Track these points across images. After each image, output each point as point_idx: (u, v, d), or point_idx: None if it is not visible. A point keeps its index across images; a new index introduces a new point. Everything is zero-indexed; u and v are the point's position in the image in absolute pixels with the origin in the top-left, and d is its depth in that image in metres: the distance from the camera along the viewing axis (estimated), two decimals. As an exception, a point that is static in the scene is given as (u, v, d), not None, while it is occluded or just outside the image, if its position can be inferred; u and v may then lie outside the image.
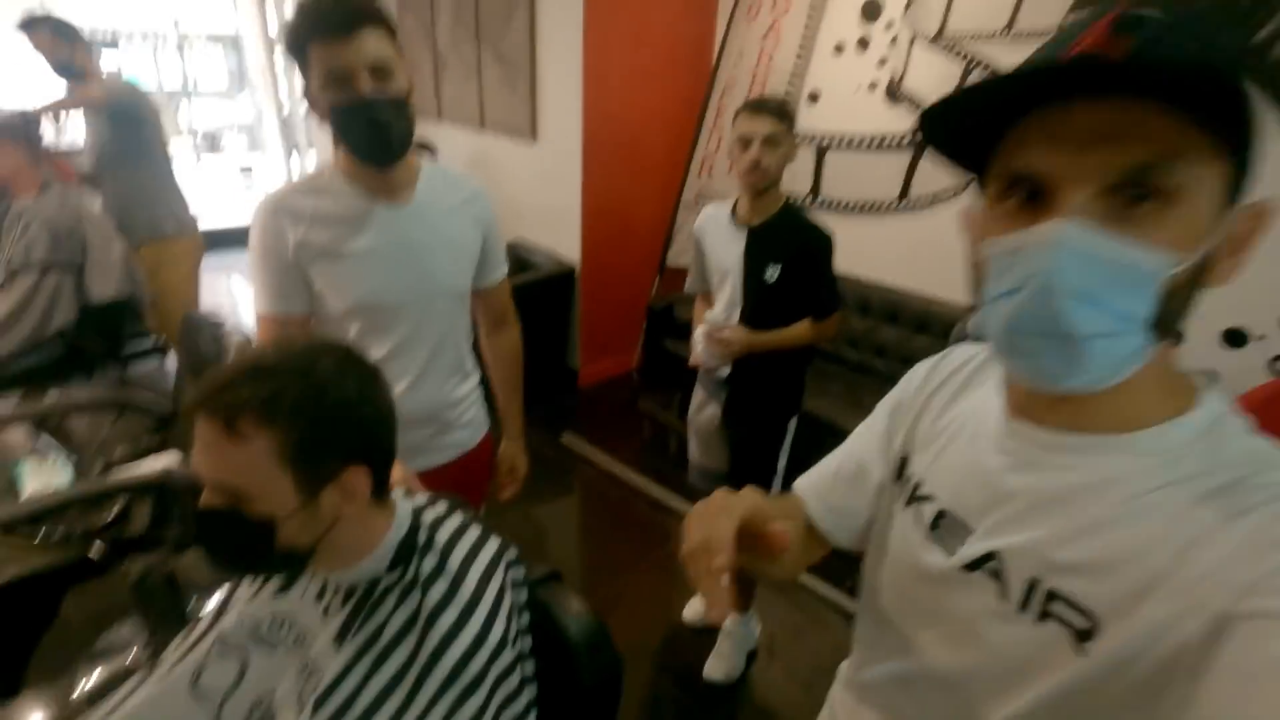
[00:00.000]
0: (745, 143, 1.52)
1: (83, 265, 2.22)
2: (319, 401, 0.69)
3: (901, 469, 0.64)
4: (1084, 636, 0.46)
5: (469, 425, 1.37)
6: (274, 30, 4.99)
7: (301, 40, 0.99)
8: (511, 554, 0.86)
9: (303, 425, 0.68)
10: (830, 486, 0.72)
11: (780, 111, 1.52)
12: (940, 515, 0.57)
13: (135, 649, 1.86)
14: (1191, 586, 0.41)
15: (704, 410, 1.86)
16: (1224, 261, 0.45)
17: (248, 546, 0.69)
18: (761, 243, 1.60)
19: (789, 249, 1.59)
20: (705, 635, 2.08)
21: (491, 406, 1.48)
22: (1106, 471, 0.47)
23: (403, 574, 0.77)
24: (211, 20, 8.78)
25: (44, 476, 1.65)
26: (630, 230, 3.52)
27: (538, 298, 3.37)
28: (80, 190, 2.79)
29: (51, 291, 2.13)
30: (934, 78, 2.65)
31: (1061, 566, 0.48)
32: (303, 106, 5.07)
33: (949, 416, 0.61)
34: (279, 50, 5.11)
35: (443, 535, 0.83)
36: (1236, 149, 0.40)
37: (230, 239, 5.74)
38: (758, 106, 1.52)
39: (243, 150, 9.32)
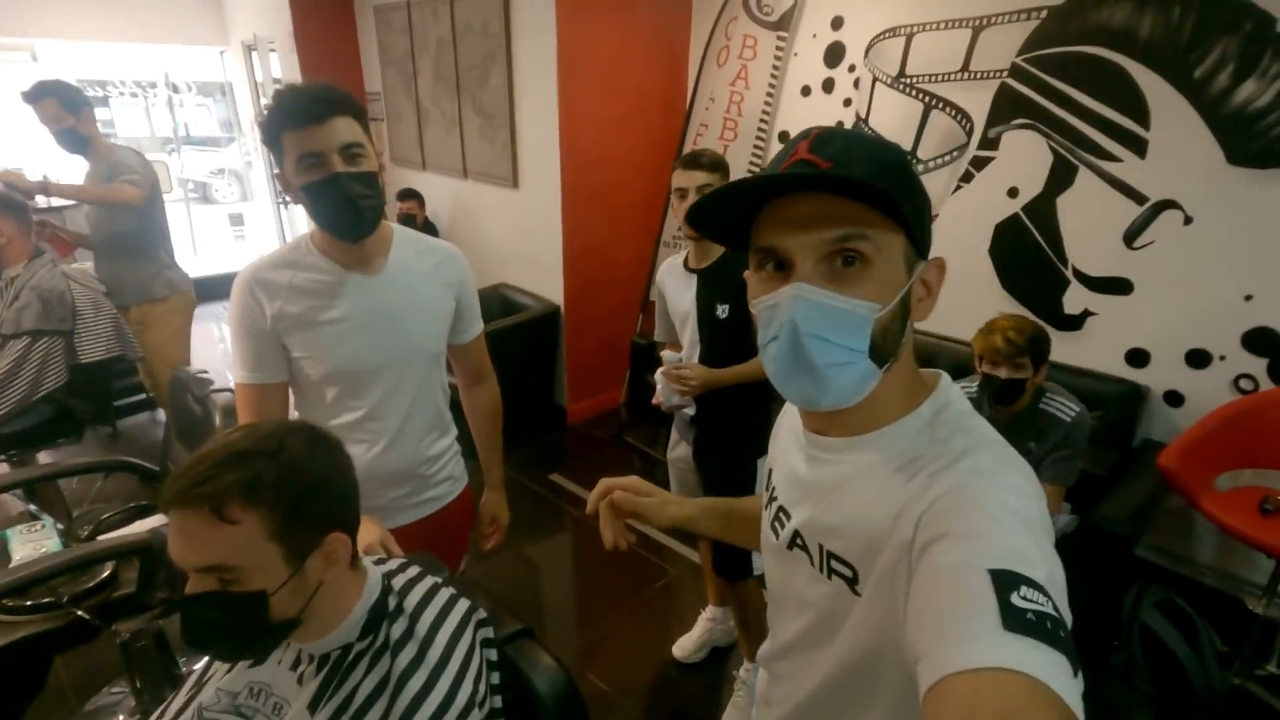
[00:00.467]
0: (682, 194, 1.64)
1: (73, 329, 2.27)
2: (296, 478, 0.74)
3: (769, 478, 0.79)
4: (853, 583, 0.61)
5: (448, 480, 1.41)
6: (261, 77, 5.12)
7: (276, 129, 1.06)
8: (481, 614, 0.90)
9: (286, 502, 0.72)
10: None
11: (713, 164, 1.63)
12: (780, 510, 0.72)
13: (123, 712, 1.87)
14: (896, 529, 0.55)
15: (677, 449, 1.93)
16: (922, 302, 0.60)
17: (240, 624, 0.72)
18: (709, 284, 1.70)
19: (734, 286, 1.65)
20: (695, 672, 2.09)
21: (472, 458, 1.52)
22: (859, 462, 0.62)
23: (373, 640, 0.81)
24: (201, 70, 8.96)
25: (32, 543, 1.67)
26: (612, 270, 3.60)
27: (524, 339, 3.43)
28: (72, 257, 2.84)
29: (42, 356, 2.17)
30: (897, 116, 2.76)
31: (829, 531, 0.63)
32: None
33: (788, 435, 0.75)
34: (266, 102, 5.24)
35: (412, 600, 0.86)
36: (906, 226, 0.56)
37: (221, 287, 5.81)
38: (691, 160, 1.63)
39: (234, 198, 9.46)
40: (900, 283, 0.57)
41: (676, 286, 1.78)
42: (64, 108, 2.34)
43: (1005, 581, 0.44)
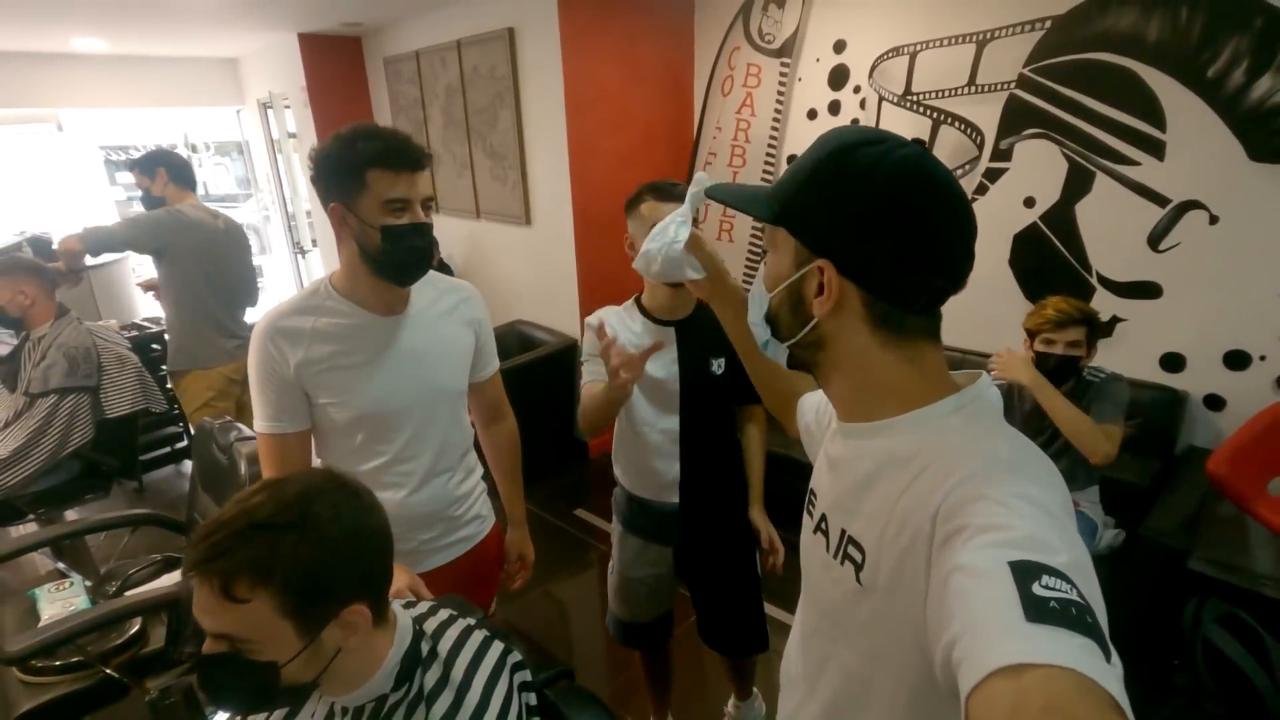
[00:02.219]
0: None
1: (98, 385, 2.29)
2: (314, 554, 0.70)
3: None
4: (859, 569, 0.61)
5: (476, 519, 1.38)
6: (276, 134, 5.25)
7: (363, 163, 1.06)
8: (516, 656, 0.86)
9: (298, 582, 0.68)
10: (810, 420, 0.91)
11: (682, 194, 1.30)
12: (812, 492, 0.74)
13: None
14: (910, 519, 0.56)
15: (640, 556, 1.58)
16: (818, 299, 0.62)
17: (251, 689, 0.70)
18: (696, 335, 1.41)
19: (722, 333, 1.25)
20: (735, 711, 2.01)
21: (496, 498, 1.50)
22: (877, 448, 0.63)
23: (408, 690, 0.77)
24: (218, 130, 9.26)
25: (60, 601, 1.66)
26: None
27: (542, 374, 3.41)
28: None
29: (69, 413, 2.19)
30: (905, 133, 2.73)
31: (849, 513, 0.64)
32: (306, 208, 5.28)
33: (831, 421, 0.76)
34: (281, 157, 5.37)
35: (445, 644, 0.83)
36: (792, 233, 0.63)
37: (242, 339, 5.90)
38: (668, 192, 1.33)
39: (254, 251, 9.66)
40: (783, 276, 0.65)
41: (641, 346, 1.29)
42: (142, 173, 2.39)
43: (1025, 572, 0.43)
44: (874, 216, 0.57)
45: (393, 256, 1.11)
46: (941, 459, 0.56)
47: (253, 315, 2.64)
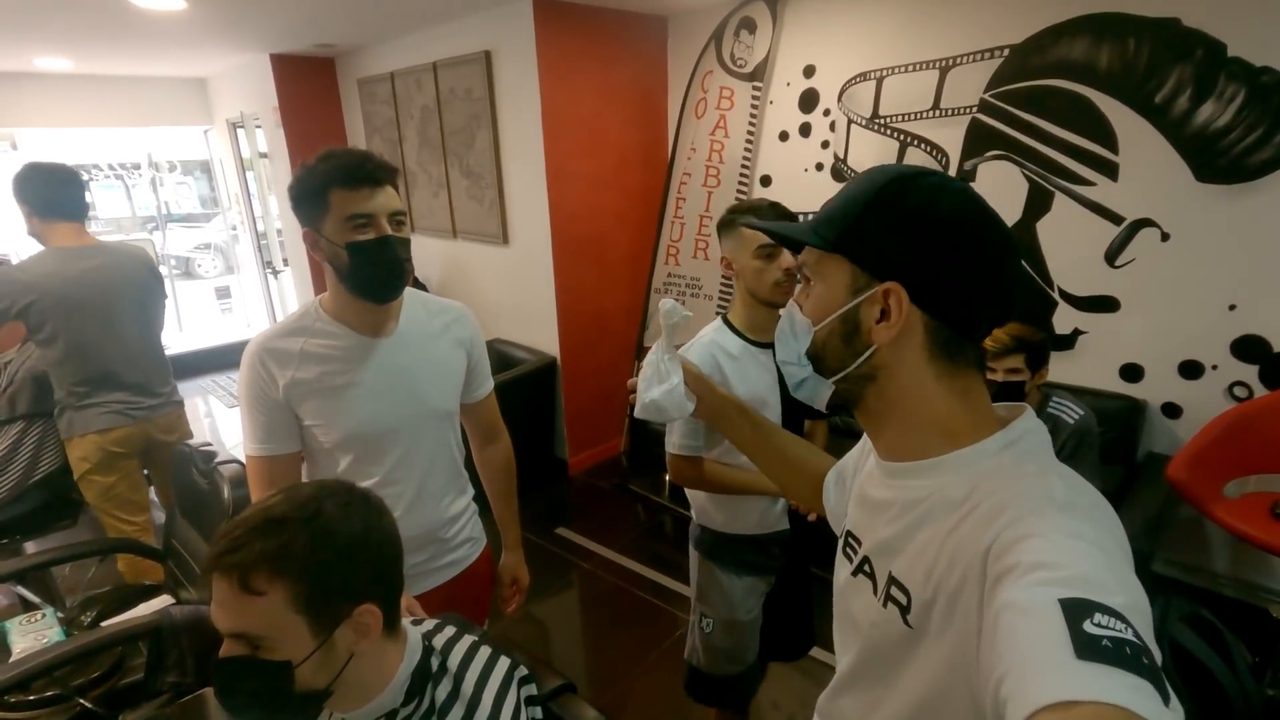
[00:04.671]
0: (771, 250, 1.36)
1: (67, 410, 2.23)
2: (326, 548, 0.72)
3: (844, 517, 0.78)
4: (905, 611, 0.60)
5: (467, 541, 1.38)
6: (246, 153, 5.19)
7: (324, 185, 1.07)
8: (522, 671, 0.87)
9: (312, 574, 0.71)
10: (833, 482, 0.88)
11: (789, 214, 1.39)
12: (850, 535, 0.72)
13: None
14: (959, 559, 0.55)
15: (755, 590, 1.57)
16: (879, 325, 0.60)
17: (267, 692, 0.71)
18: None
19: None
20: None
21: (488, 519, 1.50)
22: (925, 488, 0.62)
23: (419, 704, 0.78)
24: (184, 149, 9.11)
25: (33, 634, 1.60)
26: (605, 318, 3.63)
27: (522, 393, 3.42)
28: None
29: (38, 440, 2.13)
30: (873, 154, 2.85)
31: (895, 554, 0.63)
32: (277, 227, 5.22)
33: (870, 462, 0.74)
34: (251, 175, 5.31)
35: (454, 659, 0.84)
36: (852, 259, 0.61)
37: (208, 360, 5.79)
38: (776, 211, 1.36)
39: (217, 272, 9.49)
40: (835, 306, 0.62)
41: (743, 369, 1.42)
42: (19, 200, 1.98)
43: (1077, 610, 0.43)
44: (943, 240, 0.58)
45: (361, 273, 1.11)
46: (993, 498, 0.55)
47: (157, 366, 2.26)
